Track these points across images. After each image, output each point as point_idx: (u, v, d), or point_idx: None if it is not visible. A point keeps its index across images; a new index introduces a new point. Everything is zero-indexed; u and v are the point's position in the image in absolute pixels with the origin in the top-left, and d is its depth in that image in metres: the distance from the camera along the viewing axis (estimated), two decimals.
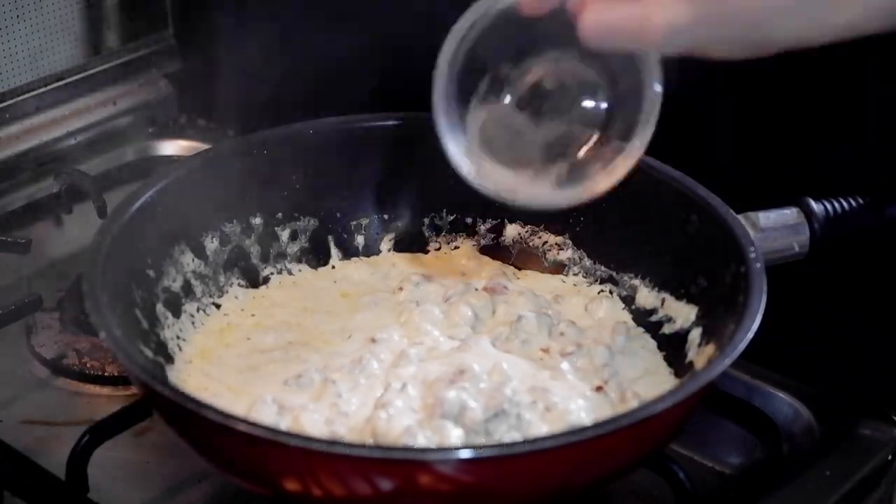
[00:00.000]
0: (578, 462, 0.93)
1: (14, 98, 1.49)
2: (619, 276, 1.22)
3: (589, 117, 1.10)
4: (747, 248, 1.07)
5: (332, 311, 1.19)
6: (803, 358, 1.23)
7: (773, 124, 1.25)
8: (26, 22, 1.48)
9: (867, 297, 1.22)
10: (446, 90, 1.07)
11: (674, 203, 1.16)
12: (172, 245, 1.17)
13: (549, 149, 1.12)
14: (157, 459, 1.15)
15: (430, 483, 0.90)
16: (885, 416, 1.17)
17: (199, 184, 1.19)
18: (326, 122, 1.26)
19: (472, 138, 1.10)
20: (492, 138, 1.12)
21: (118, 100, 1.59)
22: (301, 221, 1.26)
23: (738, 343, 0.98)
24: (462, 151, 1.10)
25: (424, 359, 1.09)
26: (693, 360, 1.09)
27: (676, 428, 0.99)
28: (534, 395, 1.02)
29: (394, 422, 0.99)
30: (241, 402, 1.05)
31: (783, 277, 1.08)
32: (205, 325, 1.17)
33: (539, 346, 1.12)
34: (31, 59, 1.50)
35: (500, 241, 1.28)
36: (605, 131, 1.10)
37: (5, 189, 1.48)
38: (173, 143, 1.61)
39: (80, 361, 1.27)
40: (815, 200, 1.12)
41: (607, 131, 1.10)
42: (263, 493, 0.98)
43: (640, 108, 1.05)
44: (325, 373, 1.08)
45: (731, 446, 1.20)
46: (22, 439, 1.15)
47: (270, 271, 1.24)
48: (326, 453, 0.90)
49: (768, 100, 1.25)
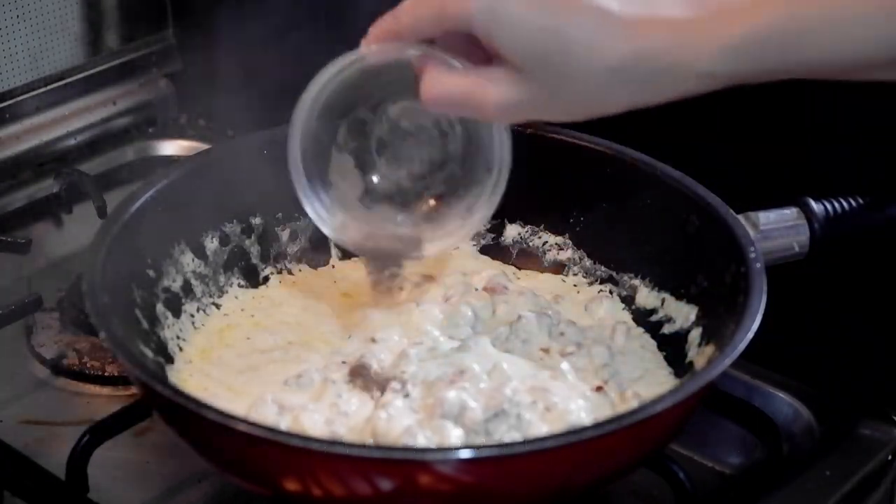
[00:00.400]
0: (578, 462, 0.93)
1: (14, 98, 1.49)
2: (619, 276, 1.22)
3: (440, 167, 1.12)
4: (747, 248, 1.07)
5: (332, 311, 1.19)
6: (803, 358, 1.23)
7: (773, 124, 1.25)
8: (26, 22, 1.48)
9: (867, 297, 1.22)
10: (304, 150, 1.09)
11: (674, 203, 1.16)
12: (172, 245, 1.17)
13: (405, 196, 1.14)
14: (157, 459, 1.15)
15: (430, 483, 0.90)
16: (885, 416, 1.17)
17: (199, 184, 1.18)
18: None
19: (333, 189, 1.12)
20: (348, 188, 1.14)
21: (118, 100, 1.59)
22: (301, 221, 1.26)
23: (738, 343, 0.98)
24: (323, 206, 1.11)
25: (424, 359, 1.09)
26: (693, 360, 1.09)
27: (676, 428, 0.99)
28: (534, 395, 1.02)
29: (394, 422, 0.99)
30: (241, 402, 1.05)
31: (783, 277, 1.08)
32: (205, 325, 1.17)
33: (539, 346, 1.12)
34: (31, 59, 1.50)
35: (500, 241, 1.28)
36: (452, 186, 1.12)
37: (5, 189, 1.48)
38: (173, 143, 1.62)
39: (80, 361, 1.27)
40: (815, 200, 1.12)
41: (454, 186, 1.12)
42: (263, 493, 0.98)
43: (486, 173, 1.08)
44: (325, 373, 1.08)
45: (731, 446, 1.20)
46: (22, 439, 1.15)
47: (270, 271, 1.24)
48: (326, 453, 0.90)
49: (768, 100, 1.25)
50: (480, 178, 1.10)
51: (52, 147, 1.52)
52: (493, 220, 1.28)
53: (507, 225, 1.28)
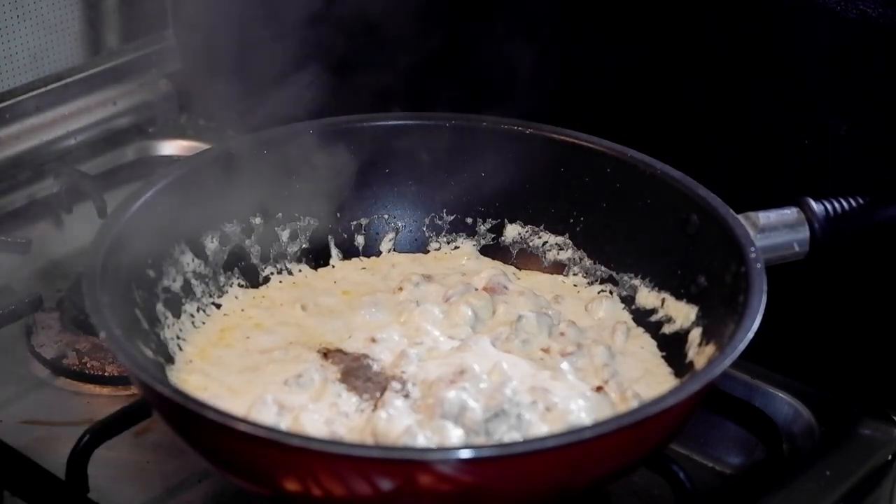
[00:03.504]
0: (578, 462, 0.93)
1: (14, 98, 1.49)
2: (619, 276, 1.22)
3: None
4: (747, 248, 1.07)
5: (332, 311, 1.19)
6: (803, 358, 1.23)
7: (773, 124, 1.25)
8: (26, 22, 1.48)
9: (867, 297, 1.22)
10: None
11: (674, 203, 1.16)
12: (172, 245, 1.17)
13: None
14: (157, 459, 1.15)
15: (430, 483, 0.90)
16: (885, 416, 1.17)
17: (199, 184, 1.18)
18: (326, 122, 1.26)
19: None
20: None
21: (118, 100, 1.59)
22: (301, 221, 1.26)
23: (738, 343, 0.98)
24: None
25: (424, 359, 1.09)
26: (693, 360, 1.09)
27: (677, 428, 0.99)
28: (534, 395, 1.02)
29: (394, 422, 0.99)
30: (241, 402, 1.05)
31: (783, 277, 1.08)
32: (205, 325, 1.17)
33: (539, 346, 1.12)
34: (31, 59, 1.50)
35: (500, 241, 1.28)
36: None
37: (5, 189, 1.48)
38: (173, 143, 1.61)
39: (80, 361, 1.27)
40: (815, 200, 1.12)
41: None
42: (263, 493, 0.98)
43: None
44: (325, 373, 1.08)
45: (731, 446, 1.20)
46: (22, 439, 1.15)
47: (270, 271, 1.24)
48: (326, 453, 0.90)
49: (768, 100, 1.25)
50: None
51: (52, 147, 1.52)
52: (493, 221, 1.28)
53: (507, 225, 1.28)
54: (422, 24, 1.37)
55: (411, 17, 1.36)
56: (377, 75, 1.39)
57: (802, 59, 1.21)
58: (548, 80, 1.31)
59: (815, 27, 1.19)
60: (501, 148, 1.26)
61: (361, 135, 1.27)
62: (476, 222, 1.29)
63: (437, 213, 1.29)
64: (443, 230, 1.29)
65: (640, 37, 1.33)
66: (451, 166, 1.27)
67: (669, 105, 1.30)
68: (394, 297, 1.20)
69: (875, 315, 1.21)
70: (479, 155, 1.26)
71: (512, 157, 1.25)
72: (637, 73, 1.34)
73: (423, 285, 1.20)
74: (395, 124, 1.27)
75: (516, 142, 1.25)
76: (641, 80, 1.34)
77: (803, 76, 1.21)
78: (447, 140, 1.26)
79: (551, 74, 1.32)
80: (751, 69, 1.25)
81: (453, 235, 1.29)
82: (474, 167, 1.27)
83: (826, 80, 1.20)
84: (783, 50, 1.22)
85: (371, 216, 1.29)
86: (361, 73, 1.39)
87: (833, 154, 1.21)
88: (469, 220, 1.29)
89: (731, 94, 1.27)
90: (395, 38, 1.37)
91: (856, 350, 1.22)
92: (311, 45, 1.36)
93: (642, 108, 1.34)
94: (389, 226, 1.29)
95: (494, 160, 1.26)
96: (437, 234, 1.29)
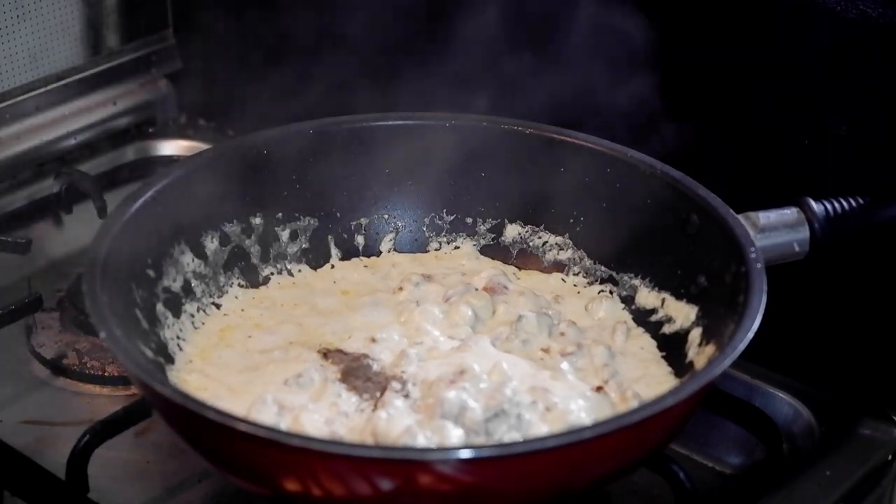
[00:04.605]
0: (578, 462, 0.93)
1: (14, 98, 1.49)
2: (619, 276, 1.22)
3: None
4: (747, 248, 1.07)
5: (332, 311, 1.19)
6: (803, 358, 1.23)
7: (773, 124, 1.25)
8: (26, 22, 1.48)
9: (867, 297, 1.22)
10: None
11: (674, 203, 1.16)
12: (172, 245, 1.17)
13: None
14: (157, 459, 1.15)
15: (430, 483, 0.90)
16: (885, 416, 1.17)
17: (199, 184, 1.18)
18: (326, 122, 1.26)
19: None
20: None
21: (118, 100, 1.59)
22: (301, 221, 1.26)
23: (738, 343, 0.98)
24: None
25: (424, 359, 1.09)
26: (693, 360, 1.09)
27: (676, 428, 0.99)
28: (534, 395, 1.02)
29: (394, 422, 0.99)
30: (241, 402, 1.05)
31: (783, 277, 1.08)
32: (205, 325, 1.17)
33: (539, 346, 1.12)
34: (31, 59, 1.50)
35: (500, 241, 1.28)
36: None
37: (5, 189, 1.48)
38: (173, 143, 1.62)
39: (80, 361, 1.27)
40: (815, 200, 1.12)
41: None
42: (263, 493, 0.98)
43: None
44: (325, 373, 1.08)
45: (731, 446, 1.20)
46: (22, 439, 1.15)
47: (270, 271, 1.24)
48: (326, 453, 0.90)
49: (768, 100, 1.25)
50: None
51: (52, 147, 1.52)
52: (493, 221, 1.28)
53: (507, 225, 1.28)
54: (423, 16, 1.38)
55: (413, 15, 1.37)
56: (379, 74, 1.39)
57: (802, 59, 1.21)
58: (548, 81, 1.31)
59: (815, 27, 1.19)
60: (501, 148, 1.26)
61: (362, 135, 1.27)
62: (476, 222, 1.29)
63: (437, 213, 1.29)
64: (443, 230, 1.29)
65: (639, 36, 1.33)
66: (450, 166, 1.27)
67: (669, 104, 1.30)
68: (394, 297, 1.20)
69: (875, 315, 1.21)
70: (478, 155, 1.26)
71: (512, 157, 1.25)
72: (637, 73, 1.34)
73: (423, 285, 1.20)
74: (395, 124, 1.27)
75: (516, 142, 1.25)
76: (641, 80, 1.33)
77: (803, 76, 1.21)
78: (447, 140, 1.26)
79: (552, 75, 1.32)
80: (751, 69, 1.25)
81: (453, 235, 1.29)
82: (474, 167, 1.27)
83: (826, 80, 1.20)
84: (783, 50, 1.22)
85: (371, 216, 1.28)
86: (363, 72, 1.39)
87: (833, 154, 1.21)
88: (469, 220, 1.29)
89: (731, 94, 1.27)
90: (395, 35, 1.37)
91: (856, 350, 1.22)
92: (313, 43, 1.36)
93: (642, 107, 1.33)
94: (389, 226, 1.29)
95: (494, 160, 1.26)
96: (437, 234, 1.29)
